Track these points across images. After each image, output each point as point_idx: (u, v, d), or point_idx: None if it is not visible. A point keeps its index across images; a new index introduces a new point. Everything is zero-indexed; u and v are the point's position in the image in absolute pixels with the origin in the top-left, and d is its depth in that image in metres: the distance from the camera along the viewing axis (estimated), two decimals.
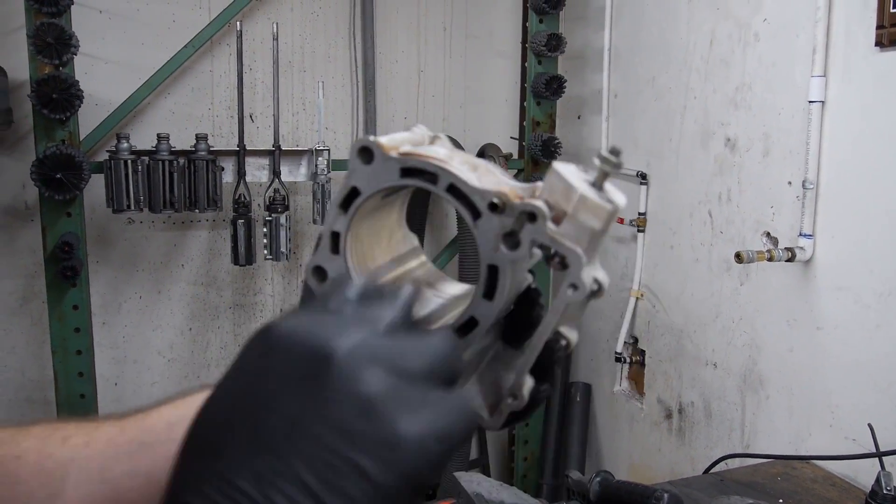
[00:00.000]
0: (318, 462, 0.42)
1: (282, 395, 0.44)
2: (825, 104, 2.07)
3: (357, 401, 0.43)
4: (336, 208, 0.62)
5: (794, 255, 2.11)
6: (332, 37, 3.23)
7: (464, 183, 0.59)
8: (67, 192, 2.49)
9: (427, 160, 0.60)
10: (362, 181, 0.61)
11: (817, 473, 2.02)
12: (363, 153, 0.60)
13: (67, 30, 2.45)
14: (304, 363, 0.45)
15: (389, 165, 0.60)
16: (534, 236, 0.58)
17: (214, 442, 0.45)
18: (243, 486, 0.42)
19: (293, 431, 0.43)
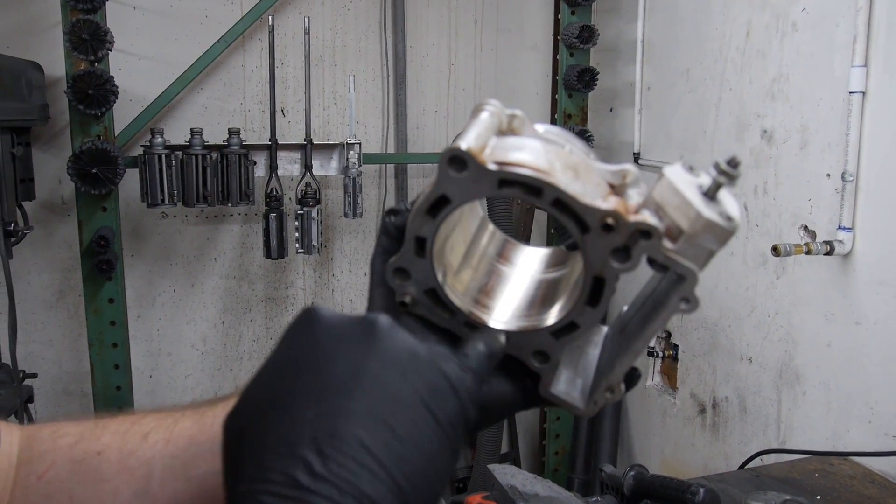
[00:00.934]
0: (383, 398, 0.47)
1: (338, 351, 0.49)
2: (866, 95, 2.03)
3: (404, 349, 0.50)
4: (423, 214, 0.61)
5: (832, 249, 2.07)
6: (363, 31, 3.23)
7: (573, 199, 0.57)
8: (103, 186, 2.53)
9: (529, 175, 0.57)
10: (453, 190, 0.59)
11: (856, 470, 1.98)
12: (455, 163, 0.57)
13: (102, 26, 2.48)
14: (354, 327, 0.51)
15: (486, 176, 0.57)
16: (647, 252, 0.57)
17: (279, 398, 0.48)
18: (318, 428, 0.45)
19: (356, 375, 0.47)
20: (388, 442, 0.45)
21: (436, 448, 0.48)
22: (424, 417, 0.48)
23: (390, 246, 0.64)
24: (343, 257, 3.33)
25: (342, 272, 3.35)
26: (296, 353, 0.51)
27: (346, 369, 0.48)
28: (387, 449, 0.45)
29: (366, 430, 0.45)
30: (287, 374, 0.50)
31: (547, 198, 0.57)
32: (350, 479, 0.44)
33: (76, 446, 0.65)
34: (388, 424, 0.46)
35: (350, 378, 0.47)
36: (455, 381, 0.51)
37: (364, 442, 0.45)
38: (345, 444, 0.45)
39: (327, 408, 0.46)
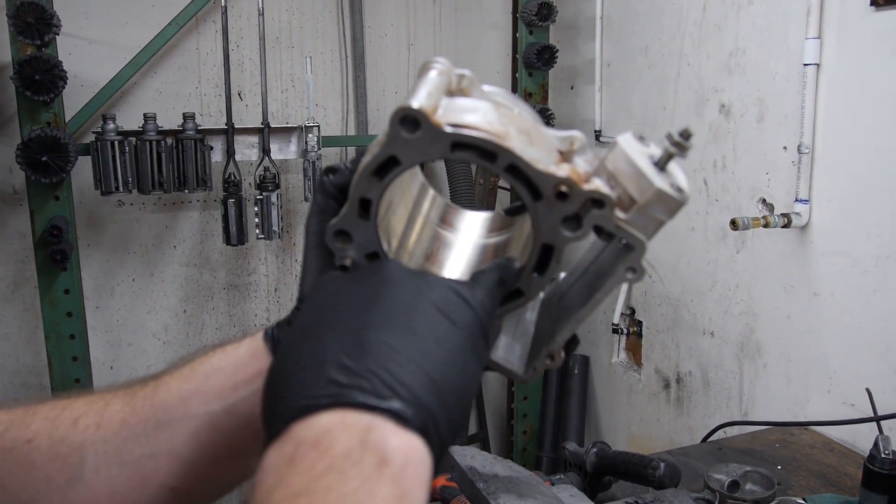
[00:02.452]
0: (400, 310, 0.51)
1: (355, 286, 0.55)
2: (820, 67, 2.04)
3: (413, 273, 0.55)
4: (369, 174, 0.58)
5: (790, 221, 2.09)
6: (320, 11, 3.18)
7: (528, 166, 0.56)
8: (54, 174, 2.46)
9: (486, 138, 0.55)
10: (404, 152, 0.57)
11: (816, 439, 2.01)
12: (406, 123, 0.55)
13: (48, 9, 2.41)
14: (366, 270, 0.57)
15: (439, 138, 0.56)
16: (599, 222, 0.57)
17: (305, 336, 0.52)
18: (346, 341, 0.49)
19: (374, 297, 0.52)
20: (410, 340, 0.49)
21: (455, 344, 0.51)
22: (440, 320, 0.51)
23: (327, 206, 0.62)
24: None
25: None
26: (316, 303, 0.55)
27: (363, 294, 0.52)
28: (410, 345, 0.48)
29: (388, 333, 0.49)
30: (312, 315, 0.54)
31: (501, 163, 0.56)
32: (381, 371, 0.46)
33: (5, 434, 0.63)
34: (408, 326, 0.49)
35: (368, 300, 0.52)
36: (466, 294, 0.54)
37: (388, 342, 0.48)
38: (372, 347, 0.48)
39: (351, 324, 0.50)
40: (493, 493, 1.12)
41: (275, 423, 0.46)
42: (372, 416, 0.44)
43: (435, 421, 0.47)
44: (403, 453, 0.44)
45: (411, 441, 0.45)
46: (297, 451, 0.43)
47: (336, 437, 0.43)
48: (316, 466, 0.42)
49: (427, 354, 0.48)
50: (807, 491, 1.73)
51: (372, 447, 0.43)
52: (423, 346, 0.49)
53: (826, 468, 1.86)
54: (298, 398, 0.46)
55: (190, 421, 0.61)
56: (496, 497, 1.11)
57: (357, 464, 0.42)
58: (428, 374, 0.47)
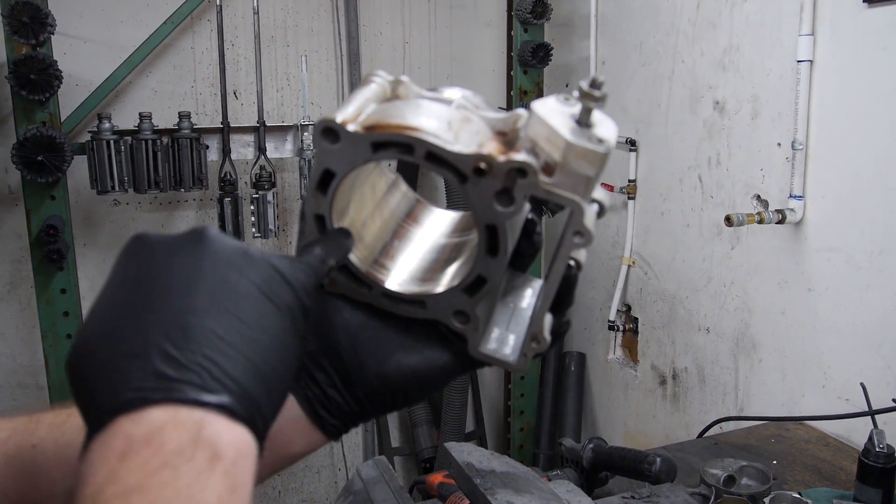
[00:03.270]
0: (223, 292, 0.49)
1: (173, 259, 0.50)
2: (813, 63, 2.05)
3: (235, 249, 0.52)
4: (314, 191, 0.61)
5: (784, 217, 2.10)
6: (315, 10, 3.18)
7: (441, 150, 0.56)
8: (50, 174, 2.46)
9: (397, 131, 0.57)
10: (334, 162, 0.59)
11: (811, 434, 2.02)
12: (327, 134, 0.58)
13: (43, 8, 2.41)
14: (184, 238, 0.52)
15: (358, 142, 0.57)
16: (528, 191, 0.56)
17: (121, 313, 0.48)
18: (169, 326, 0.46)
19: (194, 275, 0.49)
20: (236, 328, 0.48)
21: (279, 329, 0.51)
22: (264, 304, 0.50)
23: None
24: None
25: None
26: (131, 273, 0.51)
27: (184, 273, 0.50)
28: (237, 334, 0.48)
29: (214, 320, 0.47)
30: (125, 291, 0.50)
31: (419, 153, 0.57)
32: (209, 365, 0.45)
33: (9, 441, 0.63)
34: (233, 313, 0.48)
35: (189, 279, 0.49)
36: (287, 273, 0.53)
37: (214, 330, 0.47)
38: (197, 335, 0.46)
39: (173, 307, 0.47)
40: (490, 489, 1.12)
41: (97, 413, 0.45)
42: (203, 411, 0.44)
43: (261, 411, 0.47)
44: (235, 447, 0.45)
45: (241, 434, 0.46)
46: (130, 447, 0.43)
47: (169, 435, 0.43)
48: (149, 463, 0.42)
49: (253, 342, 0.48)
50: (802, 485, 1.74)
51: (204, 443, 0.43)
52: (249, 333, 0.48)
53: (821, 463, 1.87)
54: (124, 390, 0.44)
55: None
56: (493, 493, 1.11)
57: (190, 460, 0.42)
58: (254, 365, 0.47)
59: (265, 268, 0.52)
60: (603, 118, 0.57)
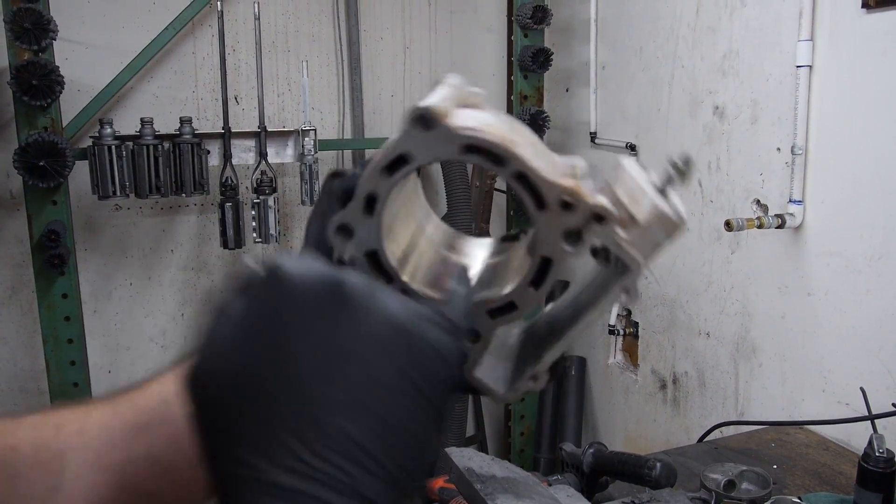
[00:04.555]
0: (366, 382, 0.44)
1: (311, 323, 0.45)
2: (812, 69, 2.06)
3: (384, 319, 0.45)
4: (380, 171, 0.58)
5: (783, 222, 2.11)
6: (316, 15, 3.19)
7: (536, 173, 0.56)
8: (51, 179, 2.47)
9: (497, 142, 0.56)
10: (416, 149, 0.57)
11: (811, 438, 2.02)
12: (421, 122, 0.56)
13: (45, 14, 2.42)
14: (323, 291, 0.46)
15: (452, 138, 0.56)
16: (600, 237, 0.57)
17: (251, 377, 0.44)
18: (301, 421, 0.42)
19: (335, 356, 0.44)
20: (376, 431, 0.43)
21: (424, 425, 0.46)
22: (412, 396, 0.45)
23: (330, 209, 0.61)
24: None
25: None
26: (263, 322, 0.46)
27: (322, 348, 0.45)
28: (376, 439, 0.43)
29: (351, 420, 0.43)
30: (256, 347, 0.46)
31: (510, 168, 0.56)
32: (341, 478, 0.42)
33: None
34: (374, 411, 0.44)
35: (327, 360, 0.44)
36: (443, 348, 0.47)
37: (351, 434, 0.43)
38: (332, 439, 0.43)
39: (307, 397, 0.43)
40: (490, 494, 1.13)
41: (219, 492, 0.45)
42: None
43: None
44: None
45: None
46: None
47: None
48: None
49: (394, 450, 0.44)
50: (802, 490, 1.74)
51: None
52: (391, 439, 0.44)
53: (821, 467, 1.87)
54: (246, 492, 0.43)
55: (169, 425, 0.59)
56: (494, 498, 1.12)
57: None
58: (391, 476, 0.43)
59: (417, 344, 0.46)
60: (676, 196, 0.59)
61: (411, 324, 0.46)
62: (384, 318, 0.46)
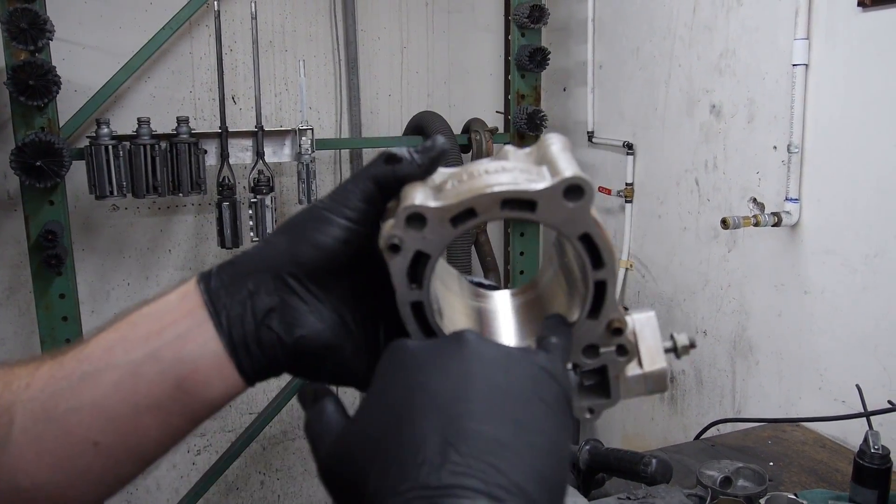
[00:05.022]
0: (495, 394, 0.48)
1: (439, 365, 0.50)
2: (809, 67, 2.06)
3: (499, 350, 0.51)
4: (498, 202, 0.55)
5: (780, 220, 2.11)
6: (313, 15, 3.19)
7: (613, 291, 0.59)
8: (48, 179, 2.47)
9: (610, 247, 0.58)
10: (546, 210, 0.55)
11: (807, 436, 2.03)
12: (573, 192, 0.54)
13: (42, 15, 2.42)
14: (444, 344, 0.51)
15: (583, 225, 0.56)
16: (611, 365, 0.62)
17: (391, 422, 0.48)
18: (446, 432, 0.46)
19: (465, 379, 0.48)
20: (514, 432, 0.46)
21: (554, 429, 0.49)
22: (537, 405, 0.49)
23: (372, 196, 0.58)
24: None
25: None
26: (399, 382, 0.50)
27: (453, 377, 0.49)
28: (516, 438, 0.46)
29: (492, 425, 0.46)
30: (395, 399, 0.49)
31: (598, 274, 0.58)
32: (491, 471, 0.44)
33: None
34: (510, 416, 0.47)
35: (459, 384, 0.48)
36: (551, 369, 0.52)
37: (493, 435, 0.46)
38: (476, 441, 0.45)
39: (448, 414, 0.47)
40: None
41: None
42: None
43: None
44: None
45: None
46: None
47: None
48: None
49: (533, 447, 0.46)
50: (798, 487, 1.74)
51: None
52: (528, 437, 0.47)
53: (817, 464, 1.87)
54: (406, 493, 0.44)
55: (112, 370, 0.58)
56: None
57: None
58: (538, 471, 0.46)
59: (531, 366, 0.51)
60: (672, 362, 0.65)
61: (518, 352, 0.52)
62: (498, 349, 0.51)
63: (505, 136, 3.21)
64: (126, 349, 0.58)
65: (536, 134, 2.95)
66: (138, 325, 0.59)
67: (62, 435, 0.58)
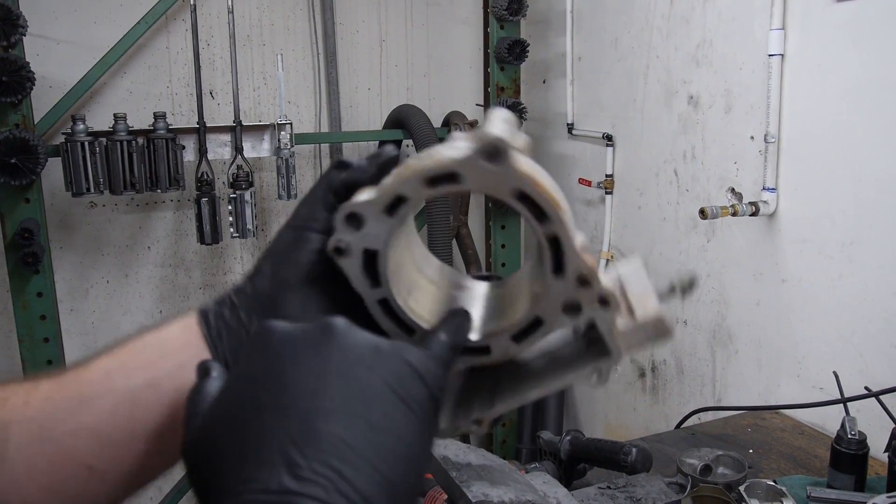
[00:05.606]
0: (352, 393, 0.47)
1: (300, 355, 0.49)
2: (784, 57, 2.07)
3: (366, 344, 0.50)
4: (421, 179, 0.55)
5: (757, 210, 2.12)
6: (290, 8, 3.18)
7: (570, 243, 0.56)
8: (24, 177, 2.44)
9: (551, 202, 0.55)
10: (471, 174, 0.55)
11: (786, 423, 2.05)
12: (490, 152, 0.53)
13: (14, 10, 2.39)
14: (311, 331, 0.51)
15: (512, 180, 0.54)
16: (598, 320, 0.59)
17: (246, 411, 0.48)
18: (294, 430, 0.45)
19: (322, 374, 0.48)
20: (365, 434, 0.45)
21: (412, 433, 0.48)
22: (396, 405, 0.48)
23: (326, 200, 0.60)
24: None
25: None
26: (256, 367, 0.50)
27: (311, 370, 0.48)
28: (366, 441, 0.45)
29: (342, 425, 0.45)
30: (250, 388, 0.49)
31: (548, 228, 0.56)
32: (335, 477, 0.43)
33: None
34: (363, 417, 0.46)
35: (316, 378, 0.47)
36: (420, 368, 0.50)
37: (342, 437, 0.45)
38: (324, 443, 0.44)
39: (299, 410, 0.46)
40: (465, 482, 1.13)
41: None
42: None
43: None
44: None
45: None
46: None
47: None
48: None
49: (383, 451, 0.46)
50: (777, 473, 1.76)
51: None
52: (379, 440, 0.46)
53: (796, 451, 1.89)
54: (244, 493, 0.44)
55: (111, 395, 0.59)
56: (469, 485, 1.12)
57: None
58: (384, 476, 0.45)
59: (397, 363, 0.50)
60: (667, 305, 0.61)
61: (388, 347, 0.51)
62: (366, 341, 0.50)
63: None
64: (126, 375, 0.60)
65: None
66: (138, 353, 0.61)
67: (58, 457, 0.59)
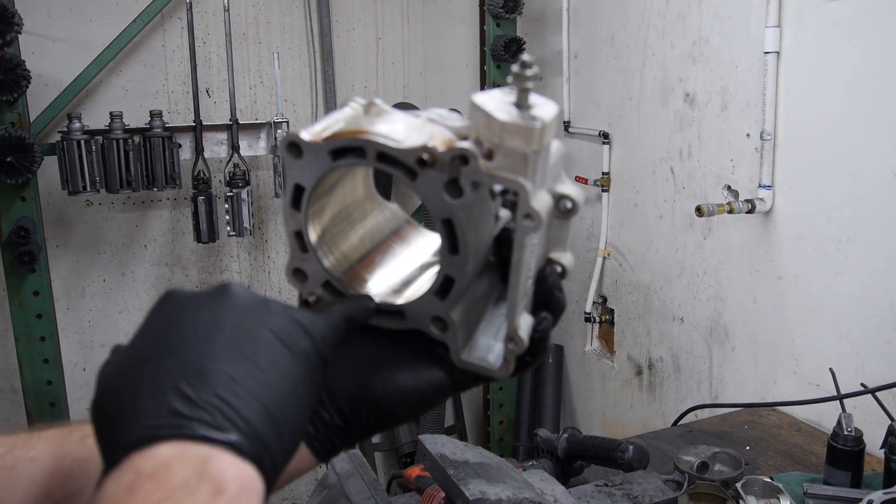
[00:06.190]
0: (241, 339, 0.52)
1: (198, 310, 0.54)
2: (780, 55, 2.08)
3: (256, 301, 0.56)
4: (289, 209, 0.62)
5: (753, 207, 2.13)
6: (287, 6, 3.17)
7: (388, 147, 0.57)
8: (20, 175, 2.44)
9: (350, 135, 0.58)
10: (301, 176, 0.60)
11: (783, 419, 2.05)
12: (291, 149, 0.59)
13: (9, 8, 2.38)
14: (210, 292, 0.56)
15: (319, 153, 0.59)
16: (473, 178, 0.56)
17: (147, 356, 0.51)
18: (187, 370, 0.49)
19: (215, 324, 0.52)
20: (251, 371, 0.50)
21: (293, 374, 0.53)
22: (280, 350, 0.53)
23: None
24: (278, 238, 3.29)
25: (277, 254, 3.30)
26: (158, 323, 0.54)
27: (205, 322, 0.53)
28: (251, 377, 0.50)
29: (230, 365, 0.50)
30: (150, 338, 0.53)
31: (370, 155, 0.58)
32: (222, 405, 0.47)
33: (7, 455, 0.65)
34: (249, 358, 0.51)
35: (209, 328, 0.52)
36: (307, 324, 0.56)
37: (230, 374, 0.49)
38: (212, 378, 0.48)
39: (193, 352, 0.50)
40: (463, 479, 1.13)
41: (114, 450, 0.47)
42: (210, 447, 0.46)
43: (270, 451, 0.49)
44: (238, 482, 0.46)
45: (246, 471, 0.47)
46: (137, 481, 0.44)
47: (174, 469, 0.44)
48: (153, 496, 0.43)
49: (265, 385, 0.50)
50: (774, 470, 1.77)
51: (208, 477, 0.45)
52: (262, 376, 0.50)
53: (793, 447, 1.90)
54: (139, 427, 0.46)
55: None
56: (466, 483, 1.12)
57: (193, 493, 0.44)
58: (266, 407, 0.49)
59: (284, 318, 0.55)
60: (543, 101, 0.58)
61: (281, 304, 0.56)
62: (258, 299, 0.56)
63: None
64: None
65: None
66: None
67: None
